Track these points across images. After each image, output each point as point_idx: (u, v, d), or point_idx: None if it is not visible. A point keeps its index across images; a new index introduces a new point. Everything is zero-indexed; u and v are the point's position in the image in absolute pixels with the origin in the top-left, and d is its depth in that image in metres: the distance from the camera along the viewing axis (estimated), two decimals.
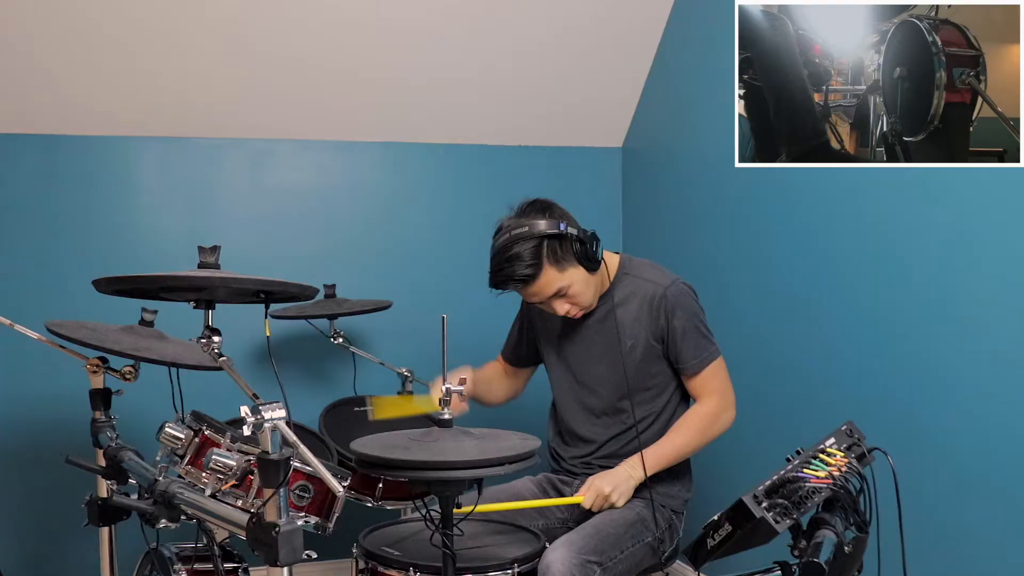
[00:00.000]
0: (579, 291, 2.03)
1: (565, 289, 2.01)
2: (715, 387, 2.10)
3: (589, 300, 2.07)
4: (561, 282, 2.00)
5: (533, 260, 1.97)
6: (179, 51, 2.76)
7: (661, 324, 2.07)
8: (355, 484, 2.30)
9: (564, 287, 2.01)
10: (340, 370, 3.05)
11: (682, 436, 2.08)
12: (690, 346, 2.07)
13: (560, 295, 2.02)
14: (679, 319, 2.06)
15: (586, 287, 2.04)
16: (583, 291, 2.04)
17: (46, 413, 2.83)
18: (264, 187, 3.07)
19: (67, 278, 2.85)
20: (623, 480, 2.02)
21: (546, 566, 1.80)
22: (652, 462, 2.03)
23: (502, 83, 3.06)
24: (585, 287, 2.04)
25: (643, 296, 2.09)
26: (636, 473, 2.03)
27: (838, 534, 1.32)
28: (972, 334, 1.91)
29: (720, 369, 2.11)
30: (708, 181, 2.83)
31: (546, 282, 2.00)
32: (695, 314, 2.09)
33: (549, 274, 1.99)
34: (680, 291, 2.08)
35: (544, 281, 1.99)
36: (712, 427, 2.09)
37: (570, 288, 2.02)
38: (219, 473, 1.62)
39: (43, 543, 2.88)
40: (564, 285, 2.01)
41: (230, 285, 1.51)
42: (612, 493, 1.99)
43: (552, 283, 2.00)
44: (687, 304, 2.08)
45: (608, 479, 2.02)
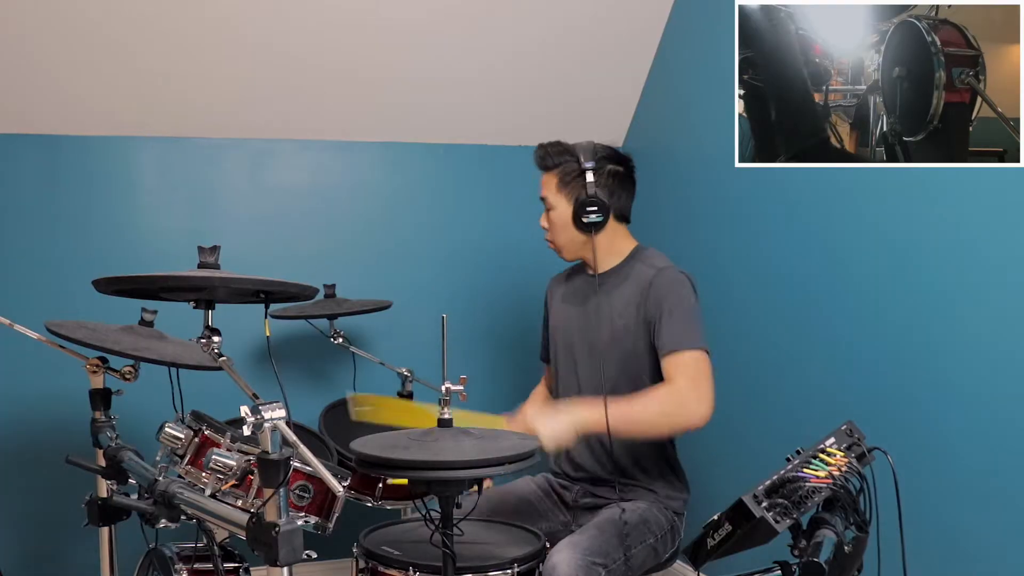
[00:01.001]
0: (556, 221, 2.16)
1: (548, 204, 2.17)
2: (690, 372, 1.96)
3: (560, 240, 2.17)
4: (550, 196, 2.16)
5: (553, 156, 2.15)
6: (179, 51, 2.76)
7: (649, 305, 2.06)
8: (355, 484, 2.30)
9: (549, 203, 2.16)
10: (340, 370, 3.05)
11: (646, 406, 1.94)
12: (671, 327, 2.01)
13: (546, 205, 2.18)
14: (667, 300, 2.03)
15: (563, 227, 2.14)
16: (559, 225, 2.15)
17: (46, 413, 2.83)
18: (264, 187, 3.07)
19: (67, 278, 2.85)
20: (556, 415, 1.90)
21: (551, 567, 1.80)
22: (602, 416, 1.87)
23: (502, 83, 3.06)
24: (562, 225, 2.14)
25: (638, 278, 2.11)
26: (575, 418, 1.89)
27: (838, 534, 1.32)
28: (972, 334, 1.91)
29: (700, 361, 1.98)
30: (708, 181, 2.83)
31: (547, 182, 2.17)
32: (684, 299, 2.04)
33: (551, 180, 2.16)
34: (674, 276, 2.07)
35: (547, 180, 2.17)
36: (679, 411, 1.93)
37: (552, 210, 2.16)
38: (219, 473, 1.62)
39: (43, 543, 2.88)
40: (550, 201, 2.16)
41: (230, 285, 1.51)
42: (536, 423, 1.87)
43: (547, 188, 2.17)
44: (678, 289, 2.05)
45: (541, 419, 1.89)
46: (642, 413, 1.94)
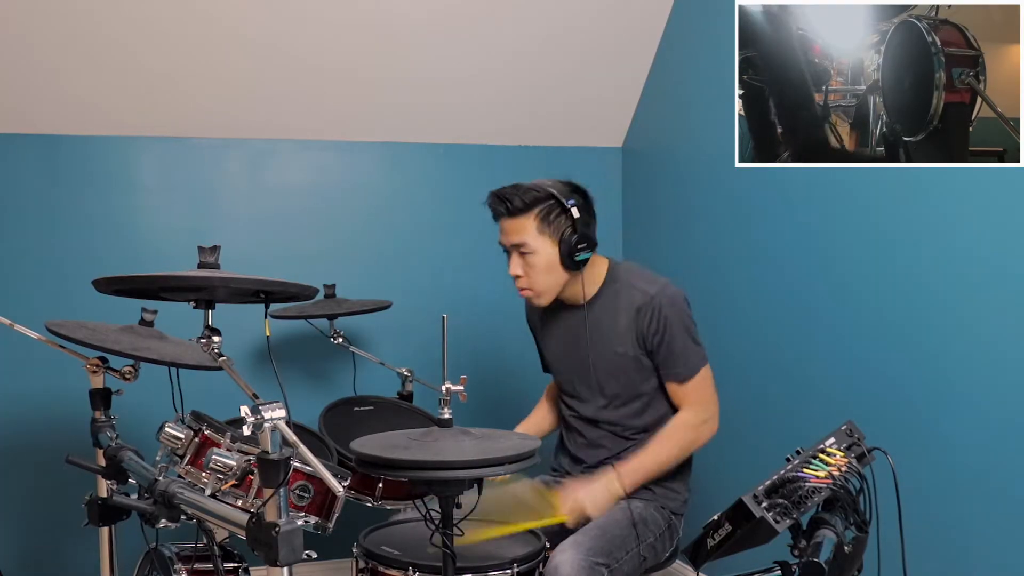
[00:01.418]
0: (538, 265, 2.03)
1: (528, 249, 2.02)
2: (699, 397, 2.07)
3: (542, 285, 2.06)
4: (530, 240, 2.01)
5: (527, 202, 2.01)
6: (180, 51, 2.76)
7: (646, 330, 2.04)
8: (355, 484, 2.30)
9: (529, 247, 2.02)
10: (340, 370, 3.05)
11: (662, 449, 2.05)
12: (678, 352, 2.04)
13: (521, 251, 2.03)
14: (668, 325, 2.03)
15: (547, 269, 2.03)
16: (542, 269, 2.03)
17: (46, 413, 2.83)
18: (264, 187, 3.07)
19: (67, 278, 2.85)
20: (600, 492, 2.00)
21: (554, 568, 1.80)
22: (631, 477, 2.02)
23: (502, 83, 3.06)
24: (546, 268, 2.03)
25: (629, 303, 2.06)
26: (613, 486, 2.01)
27: (838, 534, 1.32)
28: (972, 334, 1.91)
29: (706, 378, 2.08)
30: (708, 181, 2.83)
31: (521, 227, 2.02)
32: (684, 319, 2.05)
33: (528, 223, 2.01)
34: (668, 297, 2.04)
35: (520, 224, 2.02)
36: (694, 440, 2.07)
37: (532, 255, 2.02)
38: (219, 473, 1.62)
39: (43, 543, 2.88)
40: (531, 246, 2.02)
41: (230, 285, 1.51)
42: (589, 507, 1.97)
43: (524, 232, 2.02)
44: (674, 310, 2.04)
45: (586, 492, 2.00)
46: (665, 459, 2.05)
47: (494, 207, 2.06)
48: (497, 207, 2.05)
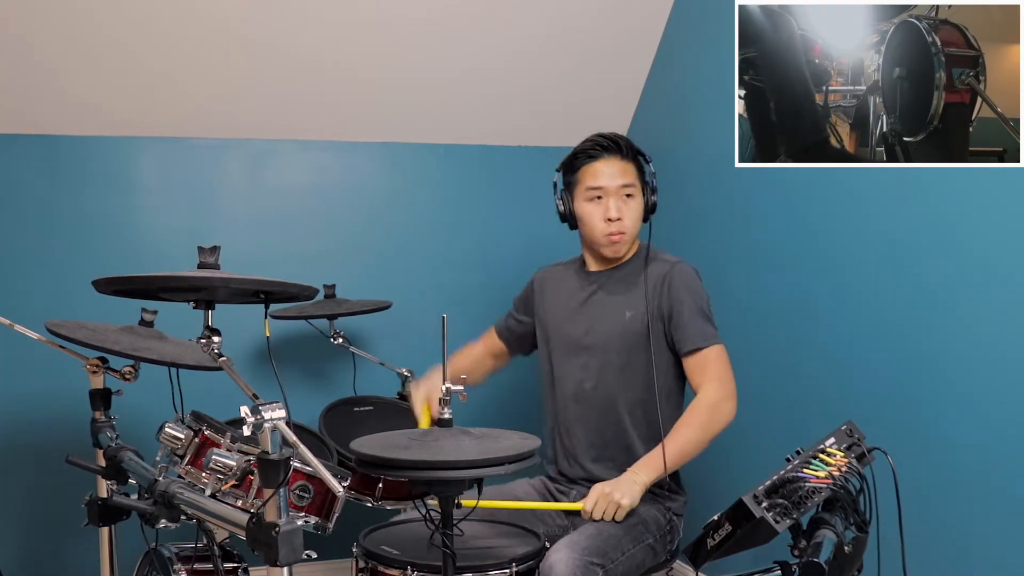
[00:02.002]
0: (636, 208, 2.15)
1: (634, 191, 2.15)
2: (715, 373, 2.05)
3: (634, 229, 2.17)
4: (635, 181, 2.14)
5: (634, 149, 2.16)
6: (179, 51, 2.76)
7: (665, 300, 2.09)
8: (355, 484, 2.30)
9: (634, 188, 2.14)
10: (340, 370, 3.05)
11: (686, 433, 2.02)
12: (691, 325, 2.07)
13: (626, 192, 2.14)
14: (683, 295, 2.08)
15: (639, 216, 2.16)
16: (637, 213, 2.16)
17: (46, 413, 2.83)
18: (264, 187, 3.07)
19: (67, 278, 2.85)
20: (627, 483, 1.98)
21: (549, 567, 1.80)
22: (655, 466, 1.98)
23: (502, 83, 3.06)
24: (639, 214, 2.16)
25: (651, 275, 2.13)
26: (640, 477, 1.99)
27: (838, 534, 1.32)
28: (972, 334, 1.91)
29: (721, 355, 2.08)
30: (708, 181, 2.83)
31: (629, 169, 2.15)
32: (698, 293, 2.11)
33: (633, 168, 2.15)
34: (684, 271, 2.12)
35: (629, 167, 2.15)
36: (714, 419, 2.02)
37: (634, 198, 2.15)
38: (219, 473, 1.62)
39: (43, 543, 2.88)
40: (637, 187, 2.15)
41: (230, 285, 1.51)
42: (614, 492, 1.94)
43: (632, 175, 2.15)
44: (691, 283, 2.11)
45: (611, 483, 1.99)
46: (687, 444, 2.03)
47: (601, 145, 2.14)
48: (607, 146, 2.14)
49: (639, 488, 1.97)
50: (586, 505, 1.96)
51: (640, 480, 1.98)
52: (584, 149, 2.16)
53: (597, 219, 2.13)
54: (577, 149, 2.18)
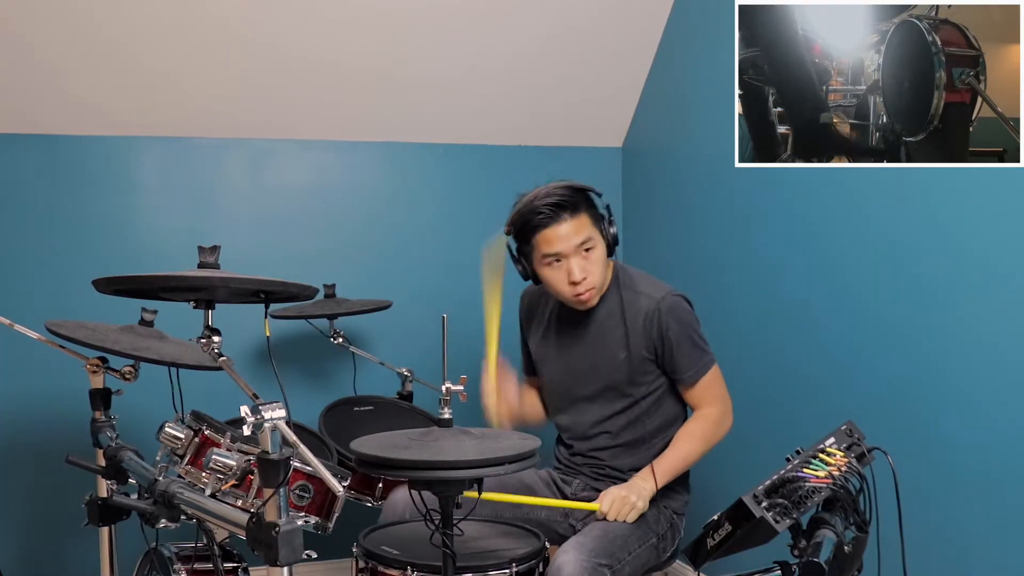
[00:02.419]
0: (599, 259, 2.03)
1: (592, 244, 2.01)
2: (714, 394, 2.11)
3: (600, 280, 2.04)
4: (593, 234, 2.01)
5: (579, 198, 2.00)
6: (180, 51, 2.76)
7: (654, 336, 2.06)
8: (355, 484, 2.30)
9: (593, 242, 2.01)
10: (340, 370, 3.05)
11: (687, 445, 2.09)
12: (685, 357, 2.07)
13: (585, 248, 2.00)
14: (673, 331, 2.05)
15: (602, 263, 2.05)
16: (600, 263, 2.03)
17: (46, 413, 2.83)
18: (264, 187, 3.07)
19: (67, 278, 2.84)
20: (638, 488, 2.02)
21: (557, 568, 1.80)
22: (661, 472, 2.05)
23: (502, 83, 3.06)
24: (602, 261, 2.04)
25: (634, 310, 2.08)
26: (647, 485, 2.03)
27: (838, 534, 1.32)
28: (972, 334, 1.91)
29: (716, 377, 2.11)
30: (708, 181, 2.83)
31: (583, 224, 2.00)
32: (689, 324, 2.08)
33: (586, 218, 2.01)
34: (673, 303, 2.07)
35: (582, 221, 2.00)
36: (716, 434, 2.11)
37: (594, 250, 2.01)
38: (219, 473, 1.62)
39: (43, 543, 2.88)
40: (595, 240, 2.01)
41: (230, 285, 1.51)
42: (630, 495, 1.99)
43: (586, 228, 2.00)
44: (681, 316, 2.07)
45: (625, 487, 2.03)
46: (690, 454, 2.10)
47: (551, 213, 1.97)
48: (557, 212, 1.97)
49: (648, 494, 2.03)
50: (602, 507, 1.99)
51: (649, 487, 2.03)
52: (532, 214, 2.00)
53: (561, 283, 2.03)
54: (524, 212, 2.01)
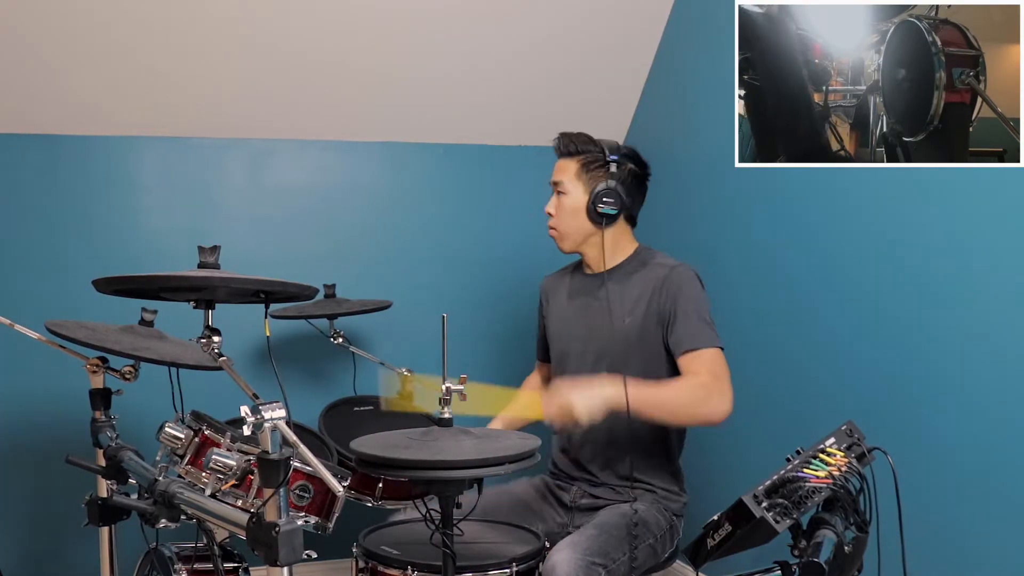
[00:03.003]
0: (567, 206, 2.16)
1: (562, 189, 2.17)
2: (711, 370, 1.98)
3: (566, 227, 2.17)
4: (566, 181, 2.17)
5: (577, 147, 2.17)
6: (180, 51, 2.76)
7: (663, 303, 2.07)
8: (355, 484, 2.30)
9: (564, 188, 2.17)
10: (340, 370, 3.05)
11: (671, 392, 1.95)
12: (688, 326, 2.03)
13: (557, 190, 2.19)
14: (679, 299, 2.06)
15: (573, 212, 2.15)
16: (569, 211, 2.16)
17: (46, 413, 2.83)
18: (264, 187, 3.07)
19: (67, 278, 2.85)
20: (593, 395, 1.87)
21: (551, 568, 1.80)
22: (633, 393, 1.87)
23: (502, 83, 3.06)
24: (573, 211, 2.16)
25: (646, 277, 2.11)
26: (605, 391, 1.87)
27: (838, 534, 1.32)
28: (972, 334, 1.91)
29: (718, 357, 2.01)
30: (708, 181, 2.83)
31: (565, 167, 2.18)
32: (698, 299, 2.08)
33: (570, 165, 2.17)
34: (683, 273, 2.09)
35: (565, 165, 2.18)
36: (704, 399, 1.94)
37: (565, 195, 2.17)
38: (219, 473, 1.62)
39: (43, 543, 2.88)
40: (565, 186, 2.17)
41: (230, 285, 1.51)
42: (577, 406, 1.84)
43: (564, 173, 2.17)
44: (689, 286, 2.08)
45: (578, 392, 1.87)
46: (668, 398, 1.94)
47: (557, 144, 2.21)
48: (558, 145, 2.21)
49: (599, 402, 1.87)
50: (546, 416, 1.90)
51: (604, 394, 1.88)
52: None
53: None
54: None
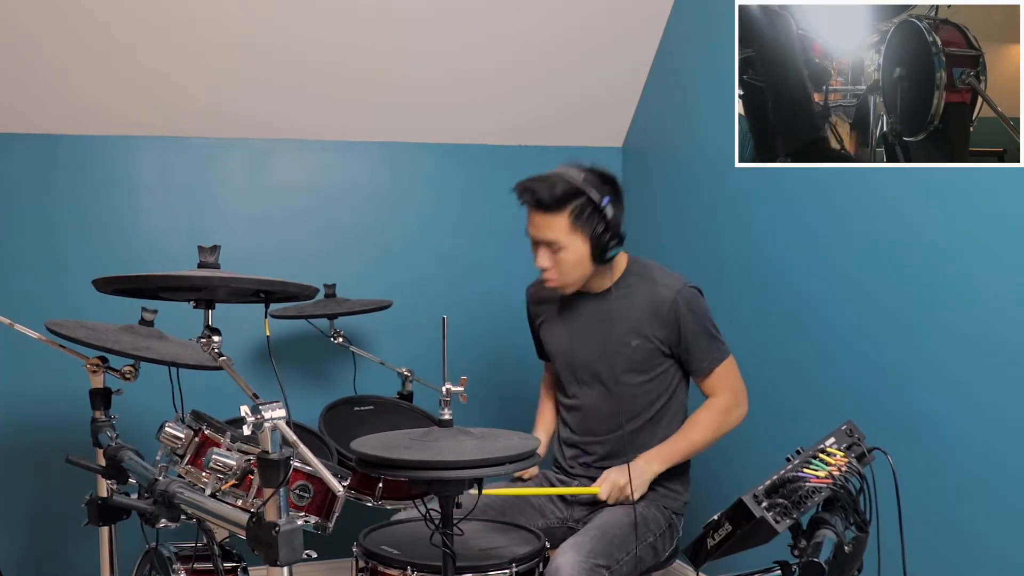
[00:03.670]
0: (568, 260, 2.02)
1: (558, 247, 2.00)
2: (727, 384, 2.11)
3: (570, 278, 2.05)
4: (562, 238, 1.99)
5: (560, 197, 1.97)
6: (180, 50, 2.76)
7: (671, 329, 2.07)
8: (355, 484, 2.30)
9: (560, 245, 2.00)
10: (340, 370, 3.05)
11: (695, 432, 2.10)
12: (701, 349, 2.09)
13: (551, 248, 2.01)
14: (689, 324, 2.07)
15: (576, 264, 2.03)
16: (572, 264, 2.02)
17: (46, 413, 2.83)
18: (264, 187, 3.07)
19: (67, 278, 2.84)
20: (638, 473, 2.03)
21: (555, 569, 1.80)
22: (666, 456, 2.06)
23: (502, 83, 3.06)
24: (576, 263, 2.02)
25: (650, 299, 2.08)
26: (651, 467, 2.05)
27: (838, 534, 1.32)
28: (972, 334, 1.91)
29: (731, 367, 2.12)
30: (708, 181, 2.83)
31: (553, 224, 1.99)
32: (704, 316, 2.10)
33: (560, 221, 1.98)
34: (689, 295, 2.08)
35: (552, 221, 1.99)
36: (724, 423, 2.10)
37: (562, 251, 2.01)
38: (219, 473, 1.62)
39: (43, 543, 2.88)
40: (562, 243, 2.00)
41: (230, 285, 1.51)
42: (627, 486, 2.00)
43: (555, 230, 1.99)
44: (696, 308, 2.09)
45: (623, 471, 2.03)
46: (700, 439, 2.10)
47: (528, 200, 2.01)
48: (525, 197, 2.01)
49: (648, 478, 2.05)
50: (601, 491, 2.02)
51: (651, 470, 2.05)
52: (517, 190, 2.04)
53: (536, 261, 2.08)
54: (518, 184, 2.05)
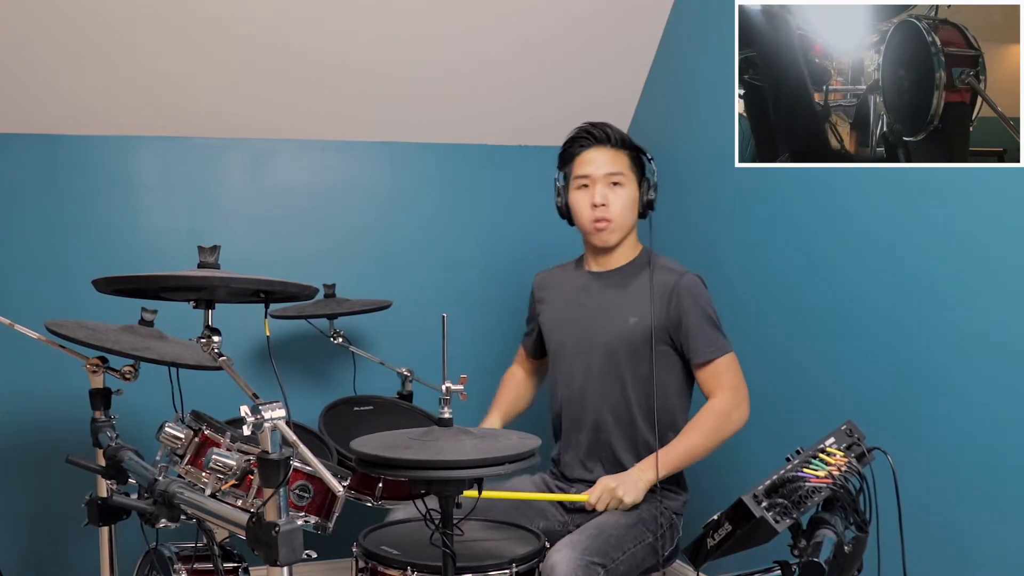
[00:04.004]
0: (625, 197, 2.14)
1: (622, 180, 2.14)
2: (727, 381, 2.10)
3: (622, 219, 2.15)
4: (626, 172, 2.14)
5: (626, 139, 2.17)
6: (180, 50, 2.76)
7: (672, 313, 2.09)
8: (355, 484, 2.30)
9: (624, 179, 2.14)
10: (340, 370, 3.05)
11: (695, 437, 2.07)
12: (702, 333, 2.09)
13: (614, 181, 2.13)
14: (689, 306, 2.08)
15: (629, 206, 2.15)
16: (626, 203, 2.14)
17: (46, 413, 2.83)
18: (264, 187, 3.07)
19: (67, 278, 2.84)
20: (632, 480, 2.03)
21: (550, 567, 1.80)
22: (664, 463, 2.03)
23: (502, 83, 3.06)
24: (629, 204, 2.15)
25: (657, 282, 2.11)
26: (646, 475, 2.04)
27: (838, 534, 1.32)
28: (972, 334, 1.91)
29: (732, 364, 2.11)
30: (708, 181, 2.83)
31: (618, 158, 2.15)
32: (707, 304, 2.11)
33: (623, 157, 2.15)
34: (692, 281, 2.12)
35: (618, 156, 2.15)
36: (725, 426, 2.08)
37: (622, 188, 2.13)
38: (219, 473, 1.62)
39: (43, 543, 2.88)
40: (626, 176, 2.14)
41: (230, 285, 1.51)
42: (619, 488, 1.99)
43: (621, 164, 2.14)
44: (698, 293, 2.10)
45: (617, 477, 2.03)
46: (699, 444, 2.08)
47: (589, 133, 2.16)
48: (595, 134, 2.15)
49: (644, 485, 2.03)
50: (591, 498, 2.01)
51: (646, 478, 2.03)
52: (575, 138, 2.19)
53: (584, 206, 2.15)
54: (569, 138, 2.20)
